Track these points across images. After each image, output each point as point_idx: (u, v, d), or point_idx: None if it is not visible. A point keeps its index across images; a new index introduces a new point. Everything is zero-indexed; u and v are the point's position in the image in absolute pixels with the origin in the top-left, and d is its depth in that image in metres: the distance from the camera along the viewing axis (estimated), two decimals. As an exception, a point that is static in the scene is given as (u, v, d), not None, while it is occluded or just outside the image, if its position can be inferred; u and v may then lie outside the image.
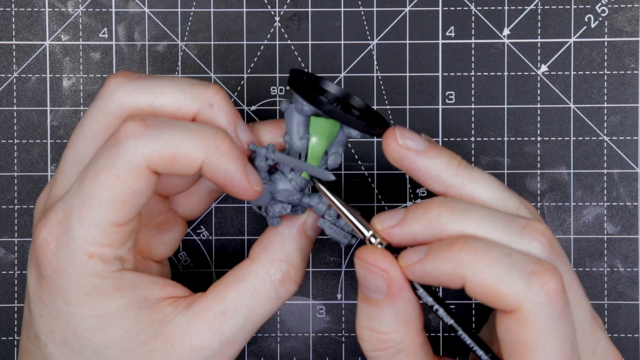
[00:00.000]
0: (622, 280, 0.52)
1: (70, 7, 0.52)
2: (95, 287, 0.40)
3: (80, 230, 0.39)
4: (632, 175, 0.52)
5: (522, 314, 0.36)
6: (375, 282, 0.38)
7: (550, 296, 0.36)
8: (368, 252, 0.38)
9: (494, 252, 0.37)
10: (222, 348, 0.41)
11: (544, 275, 0.36)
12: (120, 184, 0.39)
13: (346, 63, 0.52)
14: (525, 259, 0.37)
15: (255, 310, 0.41)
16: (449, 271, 0.37)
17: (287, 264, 0.42)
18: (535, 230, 0.38)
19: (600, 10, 0.52)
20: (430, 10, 0.52)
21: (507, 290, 0.36)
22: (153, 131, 0.39)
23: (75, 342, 0.40)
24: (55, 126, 0.52)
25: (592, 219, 0.52)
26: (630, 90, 0.52)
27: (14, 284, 0.52)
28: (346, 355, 0.52)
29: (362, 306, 0.39)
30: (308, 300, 0.52)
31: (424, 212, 0.38)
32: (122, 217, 0.39)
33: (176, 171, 0.39)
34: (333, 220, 0.42)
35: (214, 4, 0.52)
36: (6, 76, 0.52)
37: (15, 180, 0.52)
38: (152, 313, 0.40)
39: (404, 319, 0.38)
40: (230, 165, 0.39)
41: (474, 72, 0.52)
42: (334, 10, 0.52)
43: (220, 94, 0.42)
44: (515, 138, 0.52)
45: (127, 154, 0.38)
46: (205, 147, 0.39)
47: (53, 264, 0.40)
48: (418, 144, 0.40)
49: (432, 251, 0.37)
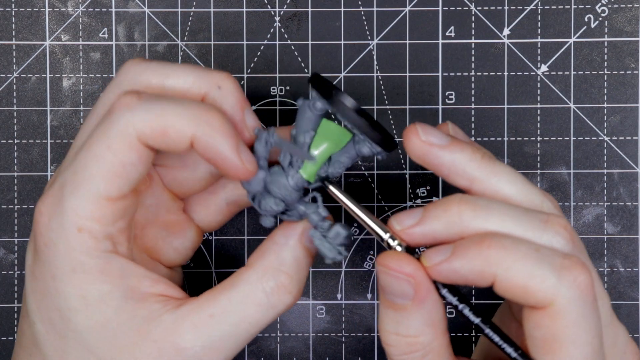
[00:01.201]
0: (622, 280, 0.52)
1: (70, 7, 0.52)
2: (82, 265, 0.39)
3: (72, 201, 0.39)
4: (632, 175, 0.52)
5: (554, 309, 0.36)
6: (401, 287, 0.37)
7: (582, 290, 0.36)
8: (390, 258, 0.38)
9: (522, 248, 0.36)
10: (205, 351, 0.40)
11: (574, 269, 0.36)
12: (112, 155, 0.39)
13: (346, 63, 0.52)
14: (553, 254, 0.36)
15: (244, 317, 0.40)
16: (478, 269, 0.36)
17: (282, 272, 0.40)
18: (557, 224, 0.38)
19: (600, 10, 0.52)
20: (430, 10, 0.52)
21: (539, 285, 0.36)
22: (145, 103, 0.39)
23: (59, 322, 0.40)
24: (55, 126, 0.52)
25: (592, 219, 0.52)
26: (630, 90, 0.52)
27: (14, 284, 0.52)
28: (346, 355, 0.52)
29: (387, 312, 0.38)
30: (308, 300, 0.52)
31: (444, 210, 0.38)
32: (113, 190, 0.39)
33: (168, 145, 0.39)
34: (324, 232, 0.41)
35: (214, 4, 0.52)
36: (6, 76, 0.52)
37: (15, 180, 0.52)
38: (138, 307, 0.40)
39: (431, 321, 0.38)
40: (222, 141, 0.39)
41: (474, 72, 0.52)
42: (334, 10, 0.52)
43: (230, 79, 0.42)
44: (515, 138, 0.52)
45: (119, 124, 0.39)
46: (196, 121, 0.39)
47: (44, 236, 0.40)
48: (440, 139, 0.39)
49: (459, 249, 0.37)
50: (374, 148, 0.40)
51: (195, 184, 0.45)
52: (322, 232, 0.41)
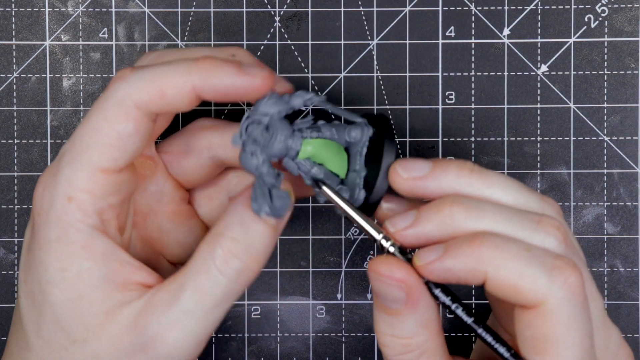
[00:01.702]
0: (622, 280, 0.52)
1: (70, 7, 0.52)
2: (66, 235, 0.39)
3: (66, 172, 0.39)
4: (632, 175, 0.52)
5: (544, 309, 0.36)
6: (393, 293, 0.38)
7: (573, 291, 0.36)
8: (381, 264, 0.38)
9: (514, 247, 0.36)
10: (164, 329, 0.39)
11: (565, 269, 0.36)
12: (108, 125, 0.39)
13: (346, 63, 0.52)
14: (545, 254, 0.36)
15: (197, 289, 0.39)
16: (469, 267, 0.37)
17: (227, 237, 0.39)
18: (550, 225, 0.38)
19: (600, 10, 0.52)
20: (430, 10, 0.52)
21: (530, 285, 0.36)
22: (139, 72, 0.39)
23: (39, 295, 0.40)
24: (55, 126, 0.52)
25: (592, 219, 0.52)
26: (630, 90, 0.52)
27: (13, 284, 0.52)
28: (346, 355, 0.52)
29: (381, 315, 0.39)
30: (308, 300, 0.52)
31: (436, 212, 0.38)
32: (108, 161, 0.39)
33: (169, 104, 0.39)
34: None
35: (214, 4, 0.52)
36: (6, 76, 0.52)
37: (15, 180, 0.52)
38: (114, 290, 0.39)
39: (425, 322, 0.38)
40: (222, 73, 0.39)
41: (474, 72, 0.52)
42: (334, 10, 0.52)
43: (241, 49, 0.43)
44: (515, 138, 0.52)
45: (115, 96, 0.39)
46: (190, 72, 0.39)
47: (37, 206, 0.40)
48: (421, 169, 0.39)
49: (451, 248, 0.37)
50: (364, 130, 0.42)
51: (200, 172, 0.45)
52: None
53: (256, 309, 0.52)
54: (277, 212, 0.39)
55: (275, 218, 0.39)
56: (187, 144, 0.45)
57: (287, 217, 0.40)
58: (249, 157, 0.40)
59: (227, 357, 0.52)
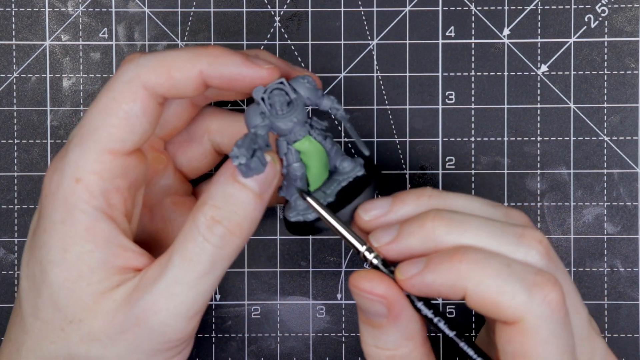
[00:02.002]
0: (622, 280, 0.52)
1: (70, 7, 0.52)
2: (71, 217, 0.39)
3: (74, 153, 0.40)
4: (632, 175, 0.52)
5: (523, 326, 0.36)
6: (374, 307, 0.38)
7: (552, 307, 0.36)
8: (362, 279, 0.38)
9: (494, 263, 0.36)
10: (155, 299, 0.39)
11: (545, 286, 0.36)
12: (116, 105, 0.39)
13: (346, 63, 0.52)
14: (525, 270, 0.36)
15: (185, 257, 0.39)
16: (449, 283, 0.37)
17: (210, 205, 0.39)
18: (532, 239, 0.38)
19: (600, 10, 0.52)
20: (430, 10, 0.52)
21: (508, 302, 0.36)
22: (148, 55, 0.40)
23: (39, 276, 0.40)
24: (55, 126, 0.52)
25: (592, 219, 0.52)
26: (630, 90, 0.52)
27: (13, 284, 0.52)
28: (346, 355, 0.52)
29: (366, 327, 0.39)
30: (308, 300, 0.52)
31: (419, 226, 0.38)
32: (115, 142, 0.39)
33: (177, 88, 0.40)
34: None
35: (214, 4, 0.52)
36: (6, 76, 0.52)
37: (15, 180, 0.52)
38: (112, 273, 0.40)
39: (408, 334, 0.38)
40: (229, 60, 0.40)
41: (474, 72, 0.52)
42: (334, 10, 0.52)
43: (265, 51, 0.44)
44: (515, 138, 0.52)
45: (124, 77, 0.40)
46: (198, 57, 0.40)
47: (45, 188, 0.40)
48: (382, 206, 0.40)
49: (432, 263, 0.37)
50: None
51: (203, 160, 0.46)
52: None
53: (256, 309, 0.52)
54: (248, 170, 0.39)
55: (242, 175, 0.39)
56: (188, 132, 0.46)
57: (272, 187, 0.41)
58: (257, 114, 0.41)
59: (227, 357, 0.52)
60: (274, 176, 0.40)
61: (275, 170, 0.40)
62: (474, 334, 0.52)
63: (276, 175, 0.41)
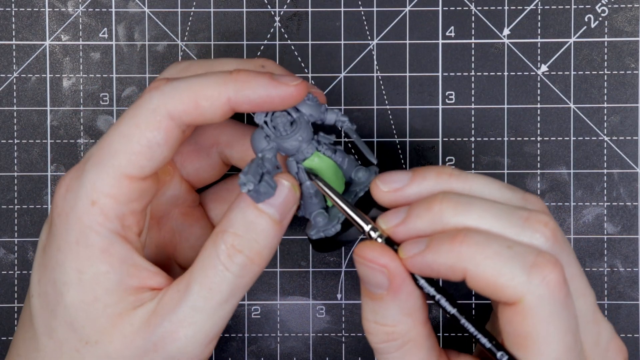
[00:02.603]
0: (622, 280, 0.52)
1: (70, 7, 0.52)
2: (86, 239, 0.39)
3: (91, 175, 0.39)
4: (632, 175, 0.52)
5: (523, 306, 0.36)
6: (376, 278, 0.38)
7: (551, 288, 0.36)
8: (366, 249, 0.38)
9: (494, 244, 0.37)
10: (174, 326, 0.39)
11: (544, 267, 0.36)
12: (139, 132, 0.39)
13: (346, 63, 0.52)
14: (526, 251, 0.37)
15: (204, 285, 0.39)
16: (449, 264, 0.37)
17: (229, 233, 0.40)
18: (537, 221, 0.38)
19: (600, 10, 0.52)
20: (430, 10, 0.52)
21: (507, 282, 0.36)
22: (174, 82, 0.40)
23: (53, 296, 0.40)
24: (55, 126, 0.52)
25: (592, 219, 0.52)
26: (630, 90, 0.52)
27: (14, 284, 0.52)
28: (346, 355, 0.52)
29: (366, 301, 0.39)
30: (308, 300, 0.52)
31: (426, 209, 0.38)
32: (135, 168, 0.39)
33: (203, 116, 0.39)
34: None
35: (214, 4, 0.52)
36: (6, 76, 0.52)
37: (15, 180, 0.52)
38: (128, 294, 0.40)
39: (408, 311, 0.38)
40: (255, 85, 0.39)
41: (474, 72, 0.52)
42: (334, 10, 0.52)
43: (269, 60, 0.44)
44: (515, 138, 0.52)
45: (149, 104, 0.39)
46: (224, 84, 0.39)
47: (59, 207, 0.40)
48: (401, 180, 0.40)
49: (433, 244, 0.37)
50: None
51: (210, 171, 0.46)
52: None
53: (256, 309, 0.52)
54: (258, 195, 0.39)
55: (254, 200, 0.39)
56: (196, 142, 0.45)
57: (291, 213, 0.41)
58: (262, 138, 0.41)
59: (227, 357, 0.52)
60: (293, 202, 0.41)
61: (294, 196, 0.40)
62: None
63: (296, 201, 0.41)
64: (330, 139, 0.42)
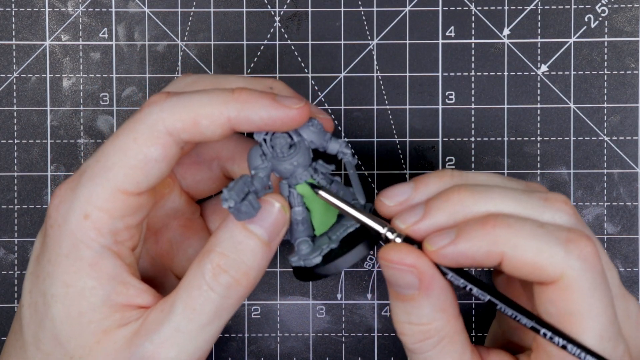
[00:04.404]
0: (622, 280, 0.52)
1: (70, 7, 0.52)
2: (76, 252, 0.39)
3: (86, 188, 0.39)
4: (632, 175, 0.52)
5: (564, 283, 0.36)
6: (405, 279, 0.38)
7: (590, 261, 0.36)
8: (391, 251, 0.38)
9: (527, 225, 0.36)
10: (155, 347, 0.39)
11: (579, 241, 0.36)
12: (137, 147, 0.38)
13: (346, 63, 0.52)
14: (557, 229, 0.37)
15: (189, 305, 0.39)
16: (484, 249, 0.36)
17: (216, 253, 0.39)
18: (557, 200, 0.38)
19: (600, 10, 0.52)
20: (430, 10, 0.52)
21: (547, 260, 0.36)
22: (174, 98, 0.39)
23: (41, 308, 0.40)
24: (55, 126, 0.52)
25: (592, 219, 0.52)
26: (630, 90, 0.52)
27: (14, 284, 0.52)
28: (346, 355, 0.52)
29: (397, 303, 0.39)
30: (308, 300, 0.52)
31: (445, 201, 0.38)
32: (131, 183, 0.38)
33: (203, 134, 0.39)
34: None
35: (214, 4, 0.52)
36: (6, 76, 0.52)
37: (15, 180, 0.52)
38: (113, 310, 0.39)
39: (441, 306, 0.38)
40: (257, 106, 0.39)
41: (474, 72, 0.52)
42: (334, 10, 0.52)
43: (279, 81, 0.43)
44: (515, 138, 0.52)
45: (148, 120, 0.38)
46: (224, 104, 0.38)
47: (52, 218, 0.39)
48: (404, 191, 0.40)
49: (464, 231, 0.37)
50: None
51: (211, 184, 0.45)
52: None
53: (256, 309, 0.52)
54: (239, 213, 0.38)
55: (235, 218, 0.38)
56: (197, 155, 0.45)
57: (281, 235, 0.40)
58: (258, 155, 0.40)
59: (227, 357, 0.52)
60: (283, 224, 0.40)
61: (284, 217, 0.40)
62: (473, 334, 0.52)
63: (286, 222, 0.40)
64: (329, 168, 0.41)
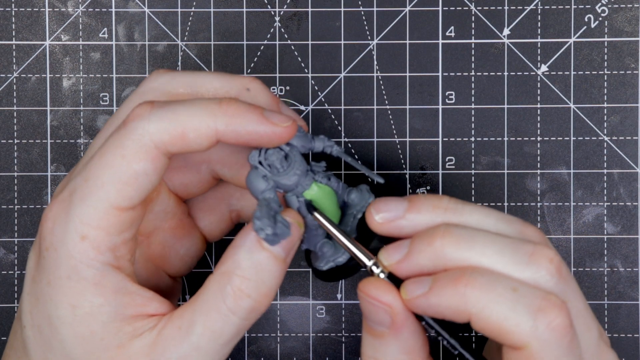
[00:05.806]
0: (622, 280, 0.52)
1: (70, 7, 0.52)
2: (78, 273, 0.38)
3: (79, 209, 0.38)
4: (632, 175, 0.52)
5: (529, 351, 0.35)
6: (379, 315, 0.38)
7: (557, 333, 0.35)
8: (370, 285, 0.38)
9: (499, 287, 0.36)
10: None
11: (550, 311, 0.36)
12: (125, 163, 0.38)
13: (346, 63, 0.52)
14: (532, 294, 0.36)
15: (207, 326, 0.38)
16: (454, 307, 0.36)
17: (237, 276, 0.39)
18: (543, 257, 0.37)
19: (600, 10, 0.52)
20: (430, 10, 0.52)
21: (513, 327, 0.35)
22: (159, 110, 0.38)
23: (47, 330, 0.39)
24: (55, 126, 0.52)
25: (592, 219, 0.52)
26: (630, 90, 0.52)
27: (14, 284, 0.52)
28: (346, 355, 0.52)
29: (367, 336, 0.39)
30: (308, 300, 0.52)
31: (428, 244, 0.37)
32: (124, 199, 0.38)
33: (190, 147, 0.38)
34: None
35: (214, 4, 0.52)
36: (6, 76, 0.52)
37: (15, 180, 0.52)
38: (124, 324, 0.39)
39: (408, 349, 0.38)
40: (245, 120, 0.38)
41: (474, 72, 0.52)
42: (334, 10, 0.52)
43: (257, 81, 0.42)
44: (515, 138, 0.52)
45: (134, 134, 0.38)
46: (213, 116, 0.38)
47: (47, 241, 0.39)
48: (396, 210, 0.39)
49: (437, 285, 0.37)
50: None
51: (199, 186, 0.45)
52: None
53: (256, 309, 0.52)
54: (276, 238, 0.38)
55: (269, 244, 0.38)
56: (185, 158, 0.44)
57: (295, 250, 0.40)
58: (260, 179, 0.40)
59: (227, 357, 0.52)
60: (298, 238, 0.40)
61: (299, 232, 0.40)
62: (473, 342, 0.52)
63: (300, 237, 0.40)
64: (322, 165, 0.41)
